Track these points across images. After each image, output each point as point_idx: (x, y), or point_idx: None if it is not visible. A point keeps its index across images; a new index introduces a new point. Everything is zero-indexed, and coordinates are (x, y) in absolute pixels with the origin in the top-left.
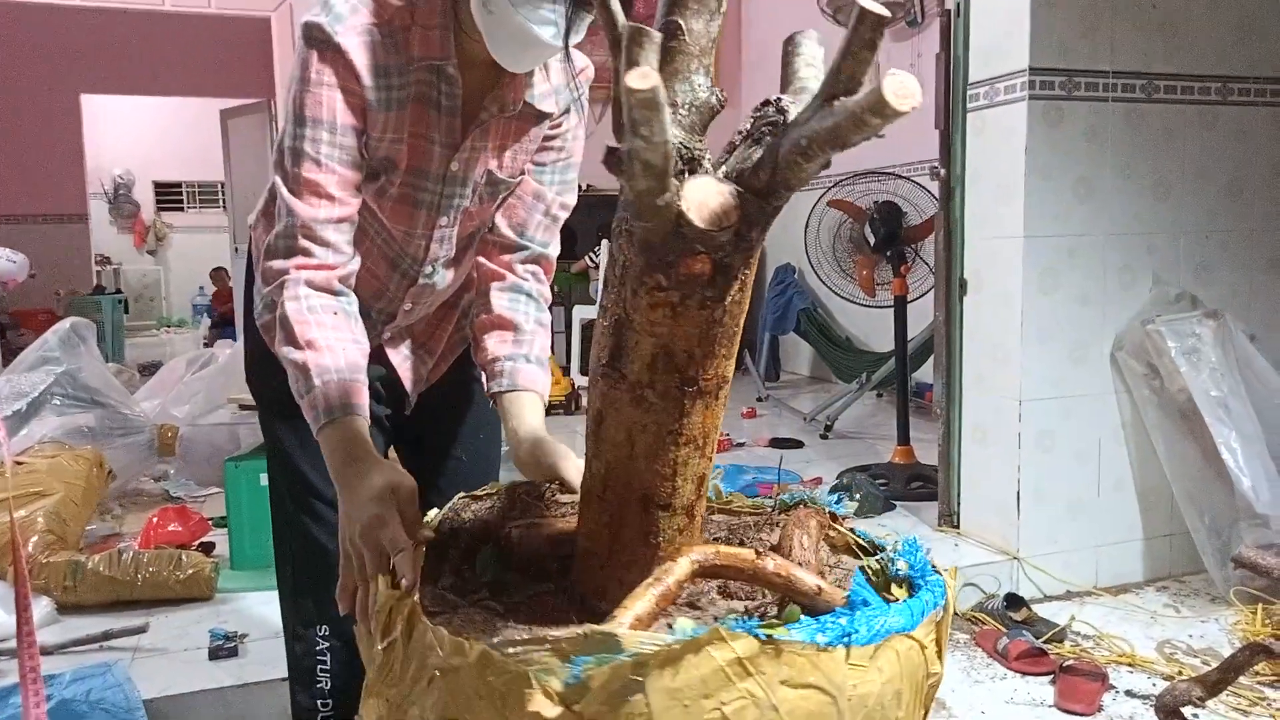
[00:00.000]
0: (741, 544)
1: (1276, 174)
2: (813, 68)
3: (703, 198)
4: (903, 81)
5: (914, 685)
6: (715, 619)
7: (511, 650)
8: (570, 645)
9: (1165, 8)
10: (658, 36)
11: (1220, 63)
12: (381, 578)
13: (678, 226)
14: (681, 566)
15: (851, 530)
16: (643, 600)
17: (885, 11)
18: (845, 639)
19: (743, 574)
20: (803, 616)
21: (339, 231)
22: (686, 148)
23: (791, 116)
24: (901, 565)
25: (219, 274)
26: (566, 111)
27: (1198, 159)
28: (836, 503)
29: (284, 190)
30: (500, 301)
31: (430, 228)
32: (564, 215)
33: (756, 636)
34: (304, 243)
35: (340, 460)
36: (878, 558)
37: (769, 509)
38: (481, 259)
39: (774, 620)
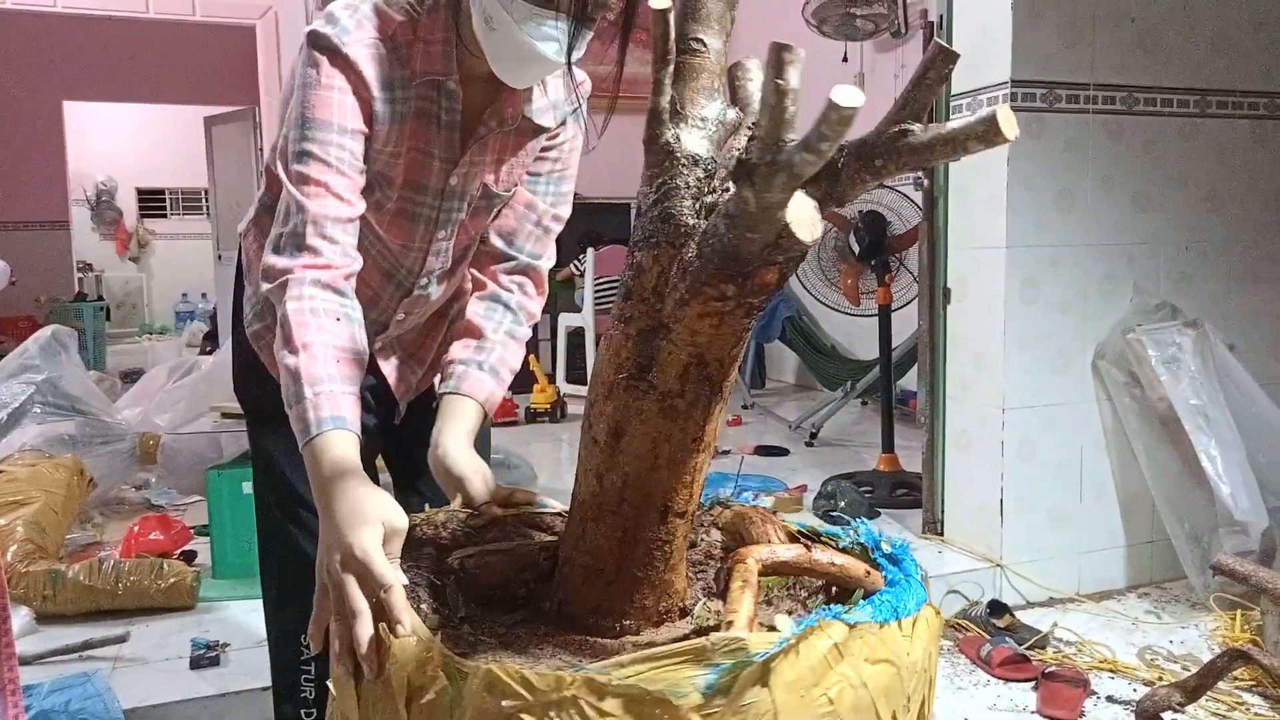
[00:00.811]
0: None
1: (1254, 186)
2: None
3: (802, 212)
4: (1008, 113)
5: (935, 645)
6: (789, 613)
7: (623, 673)
8: (698, 655)
9: (1144, 21)
10: (803, 53)
11: (1199, 76)
12: (375, 624)
13: (778, 239)
14: (752, 567)
15: (785, 522)
16: (745, 603)
17: (958, 52)
18: (896, 614)
19: (800, 568)
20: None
21: (346, 232)
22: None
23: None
24: (885, 545)
25: None
26: (563, 124)
27: (1177, 171)
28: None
29: (292, 188)
30: (475, 309)
31: (428, 241)
32: (557, 227)
33: (845, 622)
34: (313, 240)
35: (324, 478)
36: (850, 541)
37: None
38: (472, 269)
39: (845, 606)
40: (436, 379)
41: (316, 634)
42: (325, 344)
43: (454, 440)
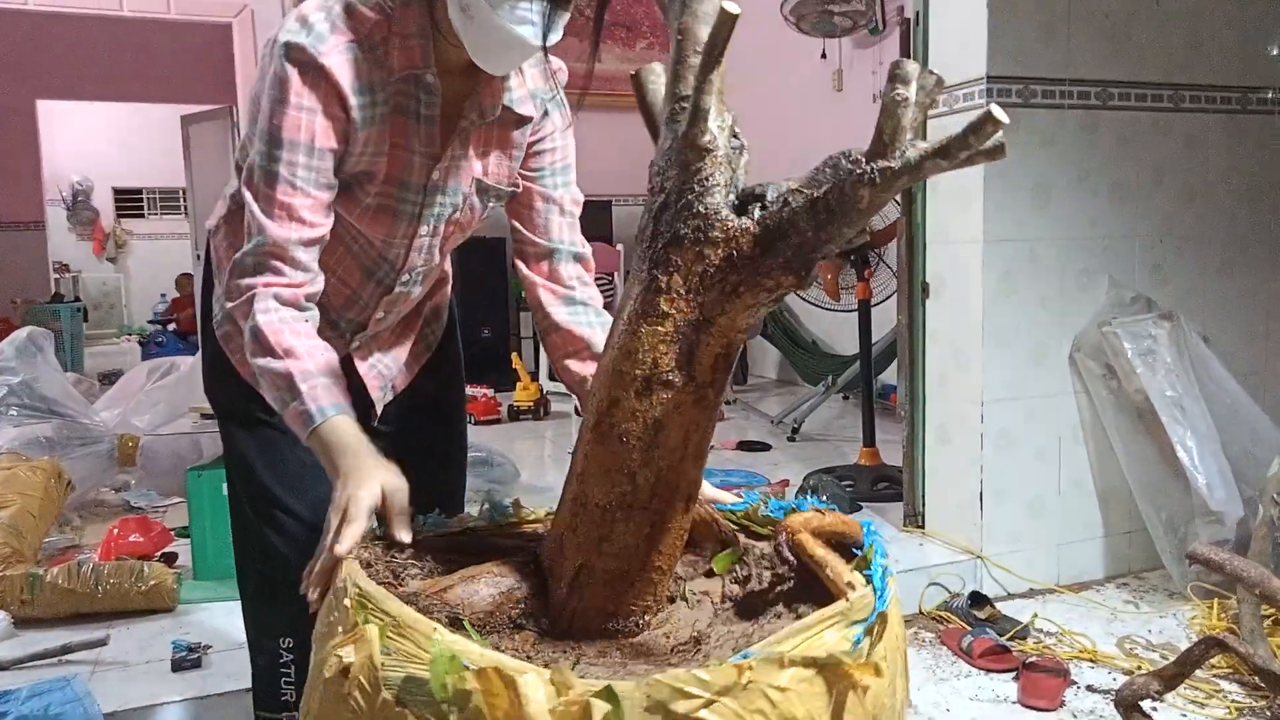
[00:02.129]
0: None
1: (1228, 179)
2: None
3: None
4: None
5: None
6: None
7: (786, 647)
8: (843, 617)
9: (1119, 17)
10: (917, 67)
11: (1172, 71)
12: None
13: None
14: (809, 535)
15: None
16: (840, 563)
17: (1005, 117)
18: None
19: (829, 530)
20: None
21: (308, 252)
22: (760, 185)
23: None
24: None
25: (185, 280)
26: (546, 114)
27: (1152, 165)
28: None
29: (256, 209)
30: (561, 315)
31: (410, 237)
32: (578, 210)
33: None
34: (274, 263)
35: (333, 458)
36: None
37: None
38: (524, 270)
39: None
40: (579, 399)
41: (318, 576)
42: (307, 348)
43: None
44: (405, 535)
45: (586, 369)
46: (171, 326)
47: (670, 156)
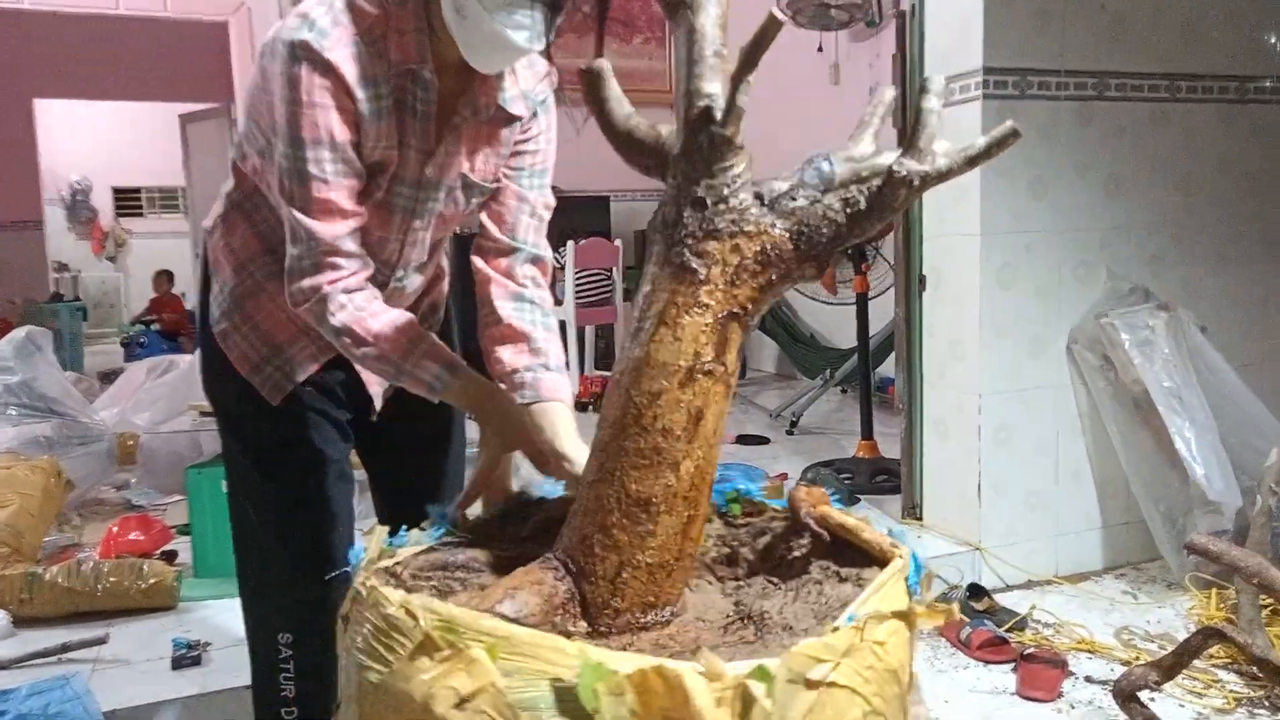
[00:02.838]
0: None
1: (1224, 169)
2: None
3: None
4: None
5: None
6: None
7: (871, 605)
8: (900, 573)
9: (1115, 8)
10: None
11: (1169, 62)
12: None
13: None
14: (831, 510)
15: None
16: (869, 525)
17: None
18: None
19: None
20: None
21: (355, 241)
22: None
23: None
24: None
25: (160, 278)
26: (535, 115)
27: (1149, 156)
28: None
29: (297, 214)
30: (507, 310)
31: (405, 232)
32: (548, 215)
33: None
34: (329, 259)
35: (475, 403)
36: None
37: None
38: (480, 265)
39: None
40: (508, 388)
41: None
42: (388, 326)
43: (573, 445)
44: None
45: (519, 360)
46: (155, 326)
47: (700, 153)
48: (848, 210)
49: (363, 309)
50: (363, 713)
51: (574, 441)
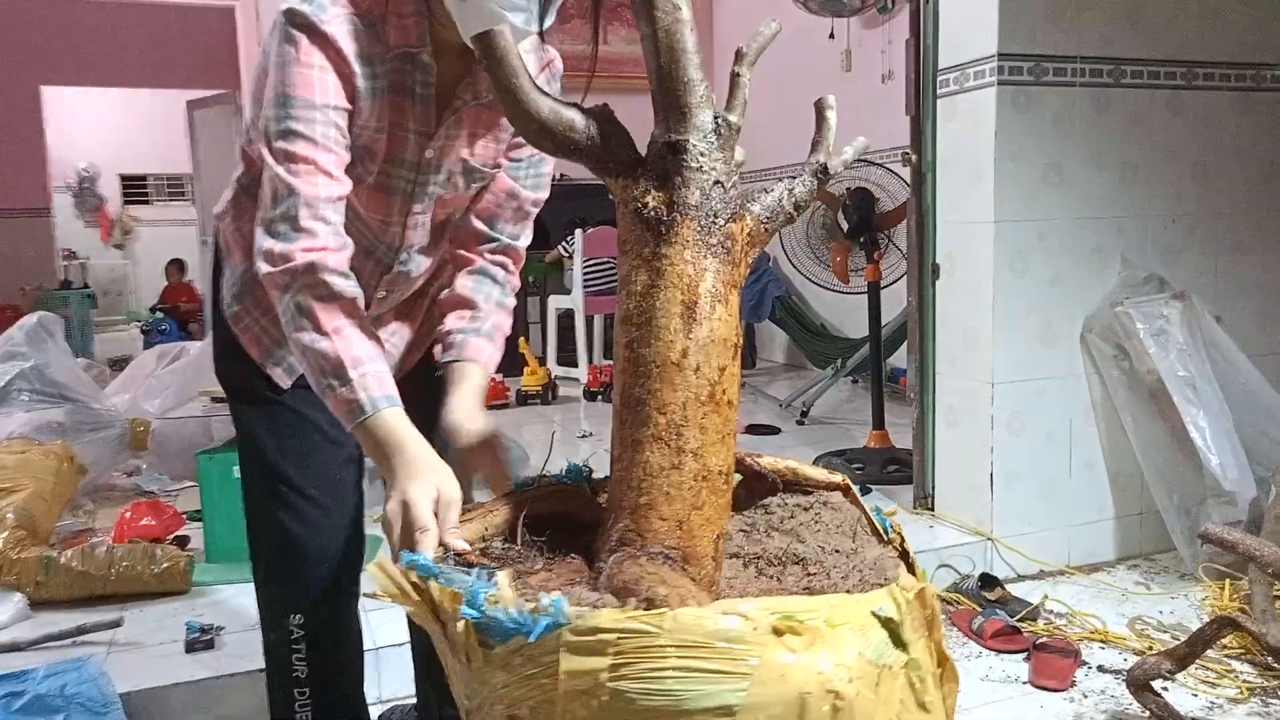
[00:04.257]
0: None
1: (1241, 157)
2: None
3: None
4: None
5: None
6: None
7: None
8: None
9: None
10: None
11: (1185, 48)
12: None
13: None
14: (770, 459)
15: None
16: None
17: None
18: None
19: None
20: None
21: (337, 211)
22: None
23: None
24: None
25: (172, 268)
26: None
27: (1164, 143)
28: None
29: (279, 170)
30: (464, 283)
31: (405, 214)
32: (535, 210)
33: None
34: (308, 222)
35: (385, 452)
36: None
37: None
38: (457, 249)
39: None
40: (437, 349)
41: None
42: (353, 326)
43: (464, 403)
44: (460, 544)
45: (458, 324)
46: (160, 314)
47: (713, 139)
48: (792, 200)
49: (335, 296)
50: None
51: (467, 399)
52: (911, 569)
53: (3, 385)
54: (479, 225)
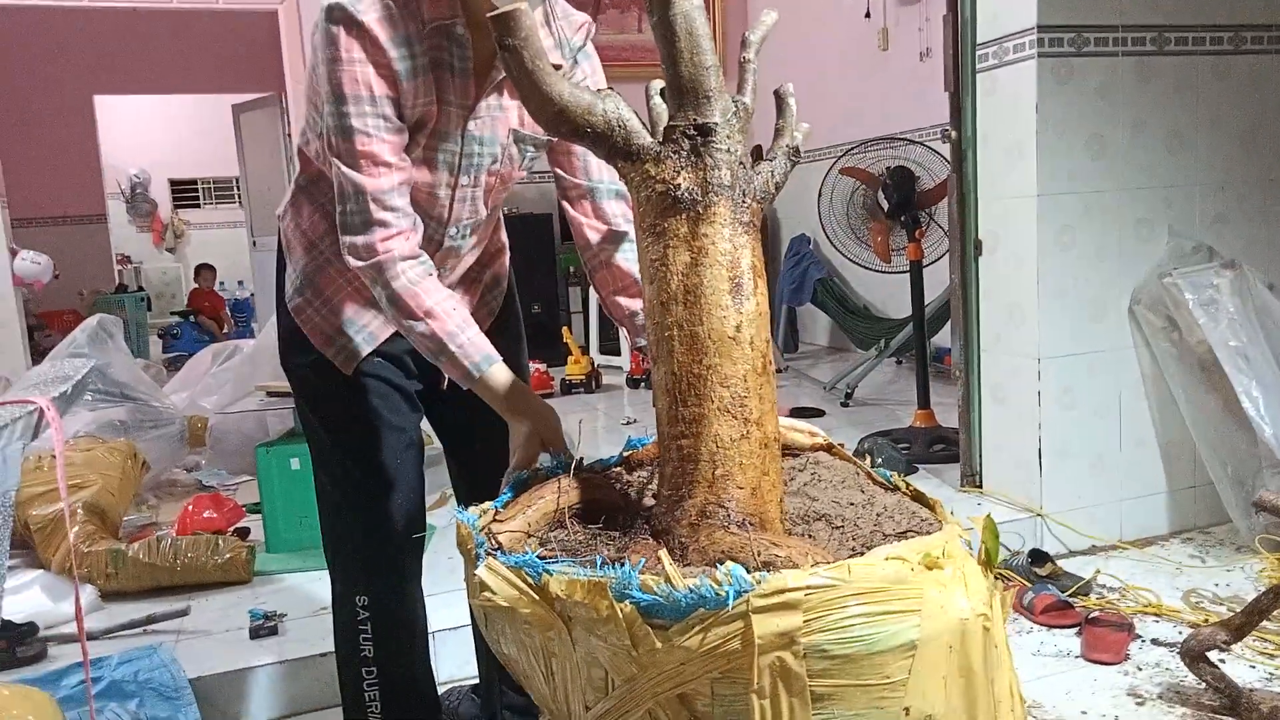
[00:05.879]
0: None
1: None
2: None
3: None
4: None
5: None
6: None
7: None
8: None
9: None
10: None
11: (1233, 11)
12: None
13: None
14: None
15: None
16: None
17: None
18: None
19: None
20: None
21: (402, 195)
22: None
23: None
24: None
25: (207, 272)
26: (576, 64)
27: (1212, 110)
28: None
29: (344, 168)
30: (610, 253)
31: (452, 188)
32: None
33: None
34: (378, 214)
35: (500, 399)
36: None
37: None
38: (569, 211)
39: None
40: (628, 332)
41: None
42: (441, 303)
43: None
44: (571, 454)
45: (635, 304)
46: (191, 319)
47: (734, 122)
48: (775, 182)
49: (416, 283)
50: None
51: None
52: (932, 508)
53: (81, 377)
54: (577, 180)
